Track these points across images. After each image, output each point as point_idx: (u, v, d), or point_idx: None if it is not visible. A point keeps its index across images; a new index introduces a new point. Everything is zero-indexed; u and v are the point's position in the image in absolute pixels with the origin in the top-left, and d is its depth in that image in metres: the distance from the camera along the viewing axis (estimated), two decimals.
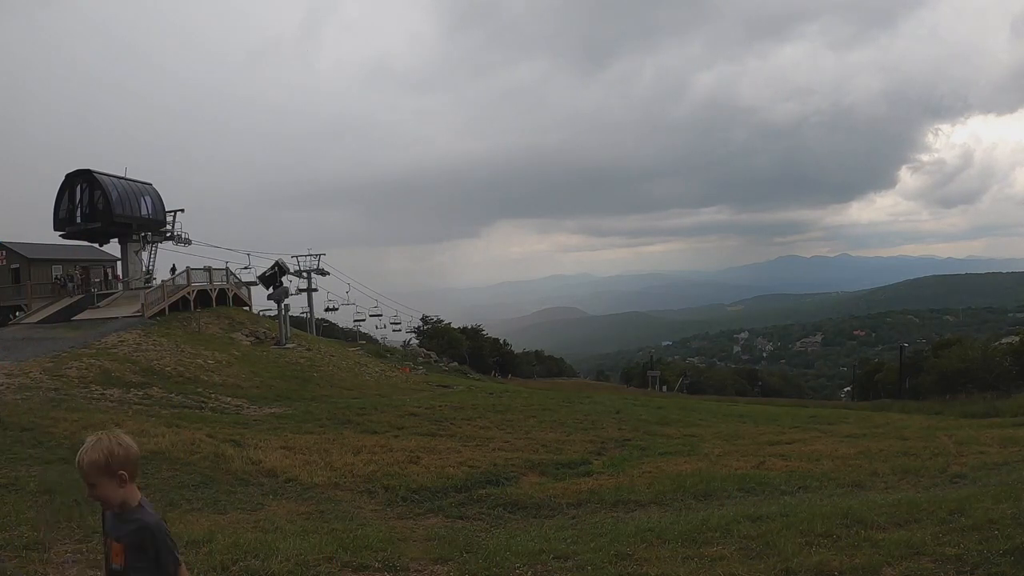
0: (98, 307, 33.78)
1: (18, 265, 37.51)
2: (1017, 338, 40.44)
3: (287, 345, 34.58)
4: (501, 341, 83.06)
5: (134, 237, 38.45)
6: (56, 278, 37.43)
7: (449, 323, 72.89)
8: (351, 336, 58.89)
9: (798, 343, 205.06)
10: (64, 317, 32.30)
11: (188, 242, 41.31)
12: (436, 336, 66.27)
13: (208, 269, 38.71)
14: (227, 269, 40.35)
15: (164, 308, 32.93)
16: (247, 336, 34.59)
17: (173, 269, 39.96)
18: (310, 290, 48.41)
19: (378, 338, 59.35)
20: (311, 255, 47.74)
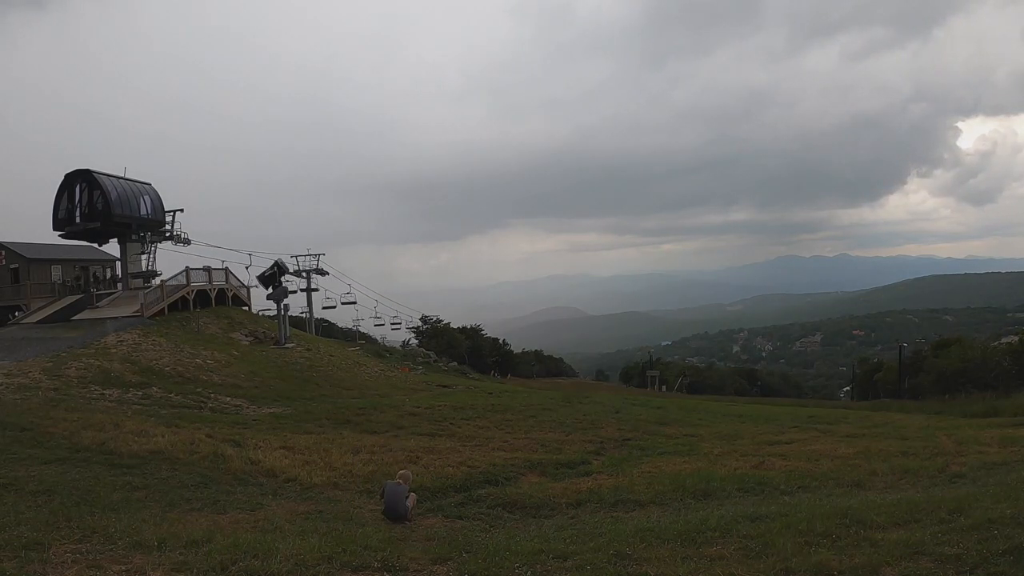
0: (97, 307, 33.73)
1: (17, 265, 37.47)
2: (1017, 338, 40.42)
3: (286, 345, 34.55)
4: (500, 341, 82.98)
5: (133, 237, 38.42)
6: (76, 277, 37.72)
7: (448, 323, 72.87)
8: (350, 336, 58.91)
9: (797, 343, 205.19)
10: (63, 317, 32.25)
11: (187, 242, 41.21)
12: (435, 336, 66.26)
13: (207, 269, 38.67)
14: (226, 269, 40.31)
15: (163, 308, 32.91)
16: (246, 336, 34.57)
17: (153, 274, 39.86)
18: (309, 289, 48.41)
19: (377, 338, 59.39)
20: (310, 255, 47.78)
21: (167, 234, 40.74)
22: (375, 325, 57.24)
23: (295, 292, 47.71)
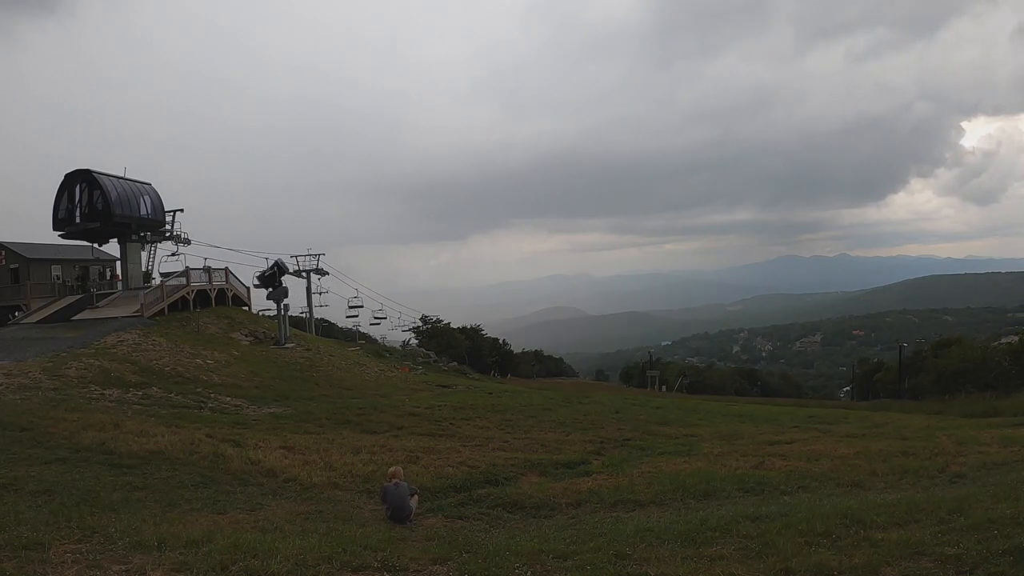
0: (97, 307, 33.72)
1: (17, 265, 37.47)
2: (1017, 338, 40.38)
3: (286, 345, 34.54)
4: (500, 341, 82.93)
5: (133, 237, 38.41)
6: (77, 277, 37.91)
7: (448, 323, 72.84)
8: (350, 336, 58.89)
9: (797, 343, 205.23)
10: (63, 317, 32.25)
11: (187, 242, 41.20)
12: (435, 336, 66.24)
13: (207, 269, 38.66)
14: (226, 269, 40.29)
15: (163, 308, 32.90)
16: (246, 336, 34.55)
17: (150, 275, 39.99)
18: (309, 290, 48.38)
19: (377, 338, 59.39)
20: (311, 255, 47.74)
21: (167, 234, 40.74)
22: (373, 322, 57.36)
23: (359, 307, 51.45)
